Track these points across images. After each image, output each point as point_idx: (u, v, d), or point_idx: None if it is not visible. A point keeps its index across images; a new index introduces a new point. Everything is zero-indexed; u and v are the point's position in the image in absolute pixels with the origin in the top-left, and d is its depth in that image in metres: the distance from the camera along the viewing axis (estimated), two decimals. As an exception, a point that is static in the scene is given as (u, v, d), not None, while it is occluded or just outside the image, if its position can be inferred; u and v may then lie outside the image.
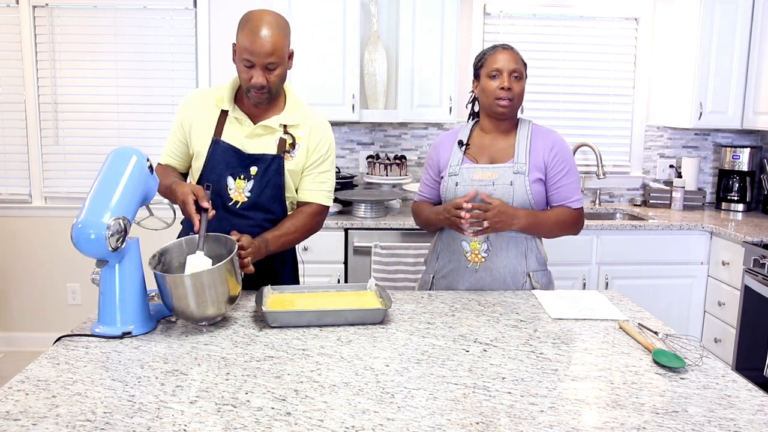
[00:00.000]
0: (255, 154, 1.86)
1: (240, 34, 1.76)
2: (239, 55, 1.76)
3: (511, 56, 1.99)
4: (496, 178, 1.97)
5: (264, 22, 1.74)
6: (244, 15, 1.79)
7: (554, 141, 2.03)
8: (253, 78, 1.75)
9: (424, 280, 2.18)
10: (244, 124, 1.86)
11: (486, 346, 1.49)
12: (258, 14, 1.76)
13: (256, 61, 1.73)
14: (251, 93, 1.79)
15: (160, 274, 1.52)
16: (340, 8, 3.25)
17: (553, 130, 2.10)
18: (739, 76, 3.52)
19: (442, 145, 2.12)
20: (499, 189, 1.96)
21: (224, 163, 1.86)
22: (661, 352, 1.42)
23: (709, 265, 3.29)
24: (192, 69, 3.68)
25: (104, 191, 1.50)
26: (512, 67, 1.97)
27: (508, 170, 1.98)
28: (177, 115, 1.94)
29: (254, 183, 1.87)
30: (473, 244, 1.99)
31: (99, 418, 1.12)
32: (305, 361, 1.39)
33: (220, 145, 1.85)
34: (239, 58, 1.77)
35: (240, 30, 1.76)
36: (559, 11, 3.77)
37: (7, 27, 3.61)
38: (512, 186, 1.96)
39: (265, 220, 1.91)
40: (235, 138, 1.86)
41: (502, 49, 2.01)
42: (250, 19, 1.75)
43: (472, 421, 1.13)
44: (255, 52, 1.72)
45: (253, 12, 1.78)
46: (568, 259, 3.22)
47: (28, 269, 3.77)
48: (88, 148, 3.70)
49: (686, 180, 3.77)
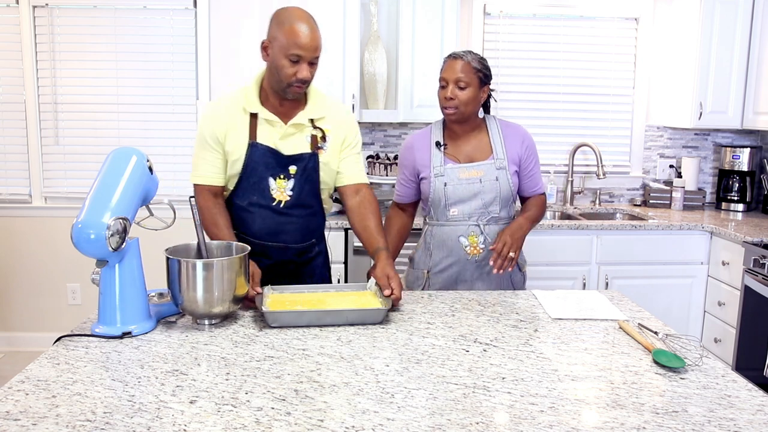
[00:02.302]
0: (293, 155, 1.90)
1: (282, 31, 1.78)
2: (283, 51, 1.78)
3: (458, 66, 2.06)
4: (483, 176, 2.10)
5: (307, 19, 1.80)
6: (281, 13, 1.82)
7: (523, 135, 2.19)
8: (299, 73, 1.79)
9: (415, 276, 2.23)
10: (276, 125, 1.89)
11: (486, 346, 1.50)
12: (298, 11, 1.81)
13: (305, 56, 1.78)
14: (292, 88, 1.83)
15: (174, 258, 1.54)
16: (340, 8, 3.24)
17: (517, 124, 2.24)
18: (739, 76, 3.52)
19: (416, 145, 2.18)
20: (486, 185, 2.09)
21: (263, 165, 1.89)
22: (661, 352, 1.42)
23: (709, 265, 3.29)
24: (192, 69, 3.68)
25: (104, 191, 1.50)
26: (456, 77, 2.05)
27: (491, 167, 2.11)
28: (204, 132, 1.91)
29: (295, 182, 1.92)
30: (471, 238, 2.11)
31: (99, 418, 1.12)
32: (305, 361, 1.39)
33: (258, 148, 1.88)
34: (283, 54, 1.79)
35: (280, 27, 1.79)
36: (559, 11, 3.77)
37: (7, 27, 3.61)
38: (498, 181, 2.10)
39: (306, 216, 1.98)
40: (270, 139, 1.89)
41: (452, 59, 2.09)
42: (293, 16, 1.79)
43: (472, 421, 1.13)
44: (305, 47, 1.77)
45: (290, 9, 1.82)
46: (568, 259, 3.22)
47: (28, 269, 3.77)
48: (88, 148, 3.70)
49: (686, 180, 3.77)
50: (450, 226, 2.11)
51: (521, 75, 3.82)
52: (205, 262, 1.54)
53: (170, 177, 3.71)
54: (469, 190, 2.09)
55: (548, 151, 3.88)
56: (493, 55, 3.79)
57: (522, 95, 3.84)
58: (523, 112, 3.85)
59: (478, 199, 2.09)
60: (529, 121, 3.86)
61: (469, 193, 2.09)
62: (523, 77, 3.82)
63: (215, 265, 1.54)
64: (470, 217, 2.09)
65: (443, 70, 2.09)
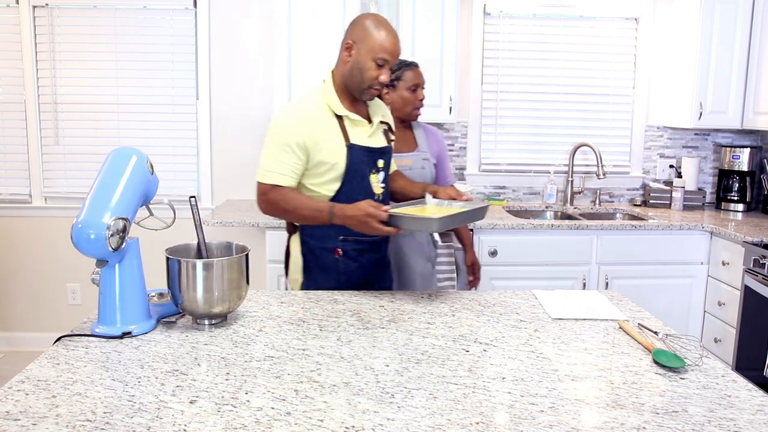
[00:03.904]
0: (380, 148, 2.02)
1: (373, 35, 1.88)
2: (371, 54, 1.88)
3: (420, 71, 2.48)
4: (412, 164, 2.47)
5: (392, 27, 1.94)
6: (370, 17, 1.93)
7: (438, 134, 2.63)
8: (382, 76, 1.91)
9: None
10: (361, 124, 1.98)
11: (486, 346, 1.50)
12: (382, 18, 1.94)
13: (390, 61, 1.91)
14: (371, 90, 1.94)
15: (174, 258, 1.54)
16: (340, 8, 3.24)
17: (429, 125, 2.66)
18: (739, 76, 3.52)
19: None
20: (416, 173, 2.46)
21: (363, 164, 1.97)
22: (661, 352, 1.42)
23: (709, 265, 3.29)
24: (192, 69, 3.68)
25: (104, 191, 1.50)
26: (424, 81, 2.49)
27: (418, 158, 2.50)
28: (288, 139, 1.90)
29: (383, 174, 2.04)
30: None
31: (99, 418, 1.12)
32: (305, 361, 1.39)
33: (355, 148, 1.95)
34: (370, 57, 1.88)
35: (371, 31, 1.89)
36: (559, 11, 3.77)
37: (7, 27, 3.61)
38: (424, 170, 2.49)
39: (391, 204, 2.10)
40: (360, 138, 1.98)
41: (416, 66, 2.48)
42: (382, 22, 1.92)
43: (472, 421, 1.13)
44: (393, 53, 1.91)
45: (376, 15, 1.94)
46: (568, 259, 3.22)
47: (28, 269, 3.77)
48: (88, 148, 3.71)
49: (686, 180, 3.77)
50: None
51: (521, 75, 3.82)
52: (205, 262, 1.54)
53: (170, 177, 3.72)
54: None
55: (548, 151, 3.89)
56: (493, 55, 3.79)
57: (522, 95, 3.84)
58: (523, 112, 3.85)
59: None
60: (529, 121, 3.87)
61: None
62: (523, 77, 3.82)
63: (215, 265, 1.54)
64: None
65: (413, 77, 2.44)
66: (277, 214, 1.98)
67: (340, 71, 1.96)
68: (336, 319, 1.67)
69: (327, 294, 1.90)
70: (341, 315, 1.70)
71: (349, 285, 2.02)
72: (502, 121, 3.85)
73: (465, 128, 3.80)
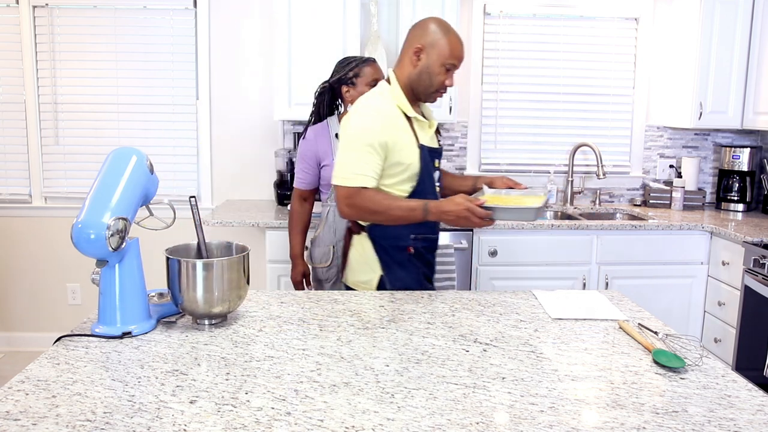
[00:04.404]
0: (438, 149, 2.09)
1: (443, 41, 1.92)
2: (441, 59, 1.93)
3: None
4: None
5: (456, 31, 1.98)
6: (440, 22, 1.96)
7: None
8: (448, 80, 1.96)
9: (322, 252, 2.53)
10: (424, 125, 2.04)
11: (486, 346, 1.50)
12: (447, 23, 1.98)
13: (457, 66, 1.96)
14: (437, 93, 1.99)
15: (174, 258, 1.54)
16: (340, 8, 3.24)
17: None
18: (739, 76, 3.52)
19: (317, 138, 2.52)
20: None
21: (430, 164, 2.02)
22: (661, 352, 1.42)
23: (709, 265, 3.29)
24: (192, 69, 3.68)
25: (104, 191, 1.50)
26: (383, 76, 2.46)
27: None
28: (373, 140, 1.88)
29: (439, 174, 2.11)
30: None
31: (99, 418, 1.12)
32: (305, 361, 1.39)
33: (424, 149, 1.99)
34: (440, 62, 1.93)
35: (441, 36, 1.93)
36: (559, 11, 3.77)
37: (7, 27, 3.61)
38: None
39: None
40: (425, 139, 2.02)
41: (374, 62, 2.49)
42: (450, 28, 1.96)
43: (472, 421, 1.14)
44: (460, 57, 1.96)
45: (441, 19, 1.98)
46: (568, 259, 3.22)
47: (28, 269, 3.77)
48: (88, 148, 3.71)
49: (686, 180, 3.77)
50: None
51: (521, 75, 3.82)
52: (205, 262, 1.54)
53: (170, 177, 3.72)
54: None
55: (548, 151, 3.89)
56: (493, 55, 3.79)
57: (522, 95, 3.84)
58: (524, 112, 3.85)
59: None
60: (529, 121, 3.87)
61: None
62: (523, 77, 3.82)
63: (215, 265, 1.54)
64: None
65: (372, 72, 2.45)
66: (363, 217, 1.95)
67: (406, 73, 1.97)
68: (336, 319, 1.67)
69: (327, 294, 1.90)
70: (341, 315, 1.70)
71: (423, 280, 2.09)
72: (502, 121, 3.85)
73: (465, 128, 3.80)
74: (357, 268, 2.09)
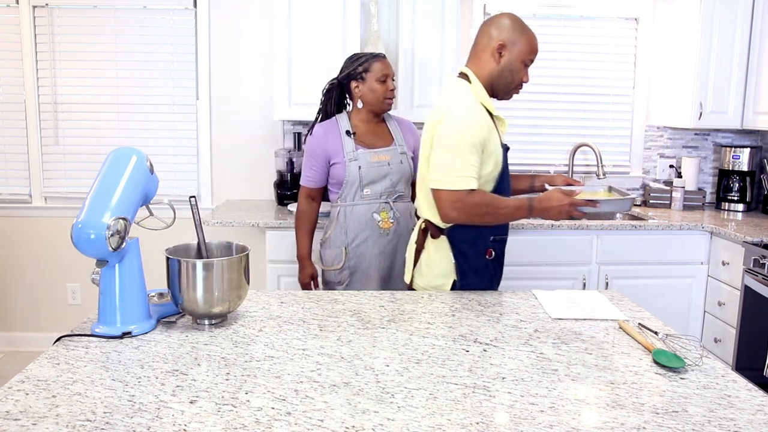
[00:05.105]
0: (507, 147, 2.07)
1: (523, 38, 1.94)
2: (522, 56, 1.94)
3: (388, 62, 2.45)
4: (390, 159, 2.45)
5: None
6: (516, 19, 1.96)
7: (412, 127, 2.62)
8: (526, 77, 1.98)
9: (334, 254, 2.48)
10: (503, 124, 2.06)
11: (486, 346, 1.50)
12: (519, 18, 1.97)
13: (533, 61, 1.97)
14: (515, 91, 2.00)
15: (174, 258, 1.54)
16: (340, 8, 3.24)
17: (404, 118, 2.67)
18: (739, 76, 3.52)
19: (327, 135, 2.46)
20: (394, 167, 2.45)
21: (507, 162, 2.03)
22: (661, 352, 1.42)
23: (709, 265, 3.29)
24: (192, 69, 3.68)
25: (104, 191, 1.50)
26: (393, 72, 2.45)
27: (395, 152, 2.48)
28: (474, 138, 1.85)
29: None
30: (383, 214, 2.44)
31: (99, 418, 1.12)
32: (305, 361, 1.39)
33: (504, 147, 2.02)
34: (521, 59, 1.94)
35: (521, 33, 1.94)
36: (559, 11, 3.77)
37: (7, 27, 3.61)
38: (402, 164, 2.47)
39: None
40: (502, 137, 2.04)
41: (383, 57, 2.44)
42: (525, 25, 1.96)
43: (472, 421, 1.14)
44: (537, 53, 1.97)
45: (514, 15, 1.97)
46: (568, 259, 3.22)
47: (28, 269, 3.77)
48: (88, 148, 3.71)
49: (686, 180, 3.77)
50: (364, 205, 2.42)
51: (521, 75, 3.82)
52: (205, 262, 1.54)
53: (170, 177, 3.72)
54: (380, 172, 2.42)
55: (548, 151, 3.88)
56: (493, 55, 3.79)
57: (522, 95, 3.83)
58: (523, 112, 3.85)
59: (387, 180, 2.43)
60: (529, 121, 3.87)
61: (379, 175, 2.42)
62: (523, 77, 3.82)
63: (215, 265, 1.54)
64: (381, 196, 2.43)
65: (381, 68, 2.41)
66: (470, 219, 1.89)
67: (488, 71, 1.95)
68: (336, 319, 1.67)
69: (327, 294, 1.90)
70: (341, 315, 1.70)
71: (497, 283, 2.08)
72: (502, 121, 3.85)
73: (465, 128, 3.80)
74: (429, 272, 2.04)
